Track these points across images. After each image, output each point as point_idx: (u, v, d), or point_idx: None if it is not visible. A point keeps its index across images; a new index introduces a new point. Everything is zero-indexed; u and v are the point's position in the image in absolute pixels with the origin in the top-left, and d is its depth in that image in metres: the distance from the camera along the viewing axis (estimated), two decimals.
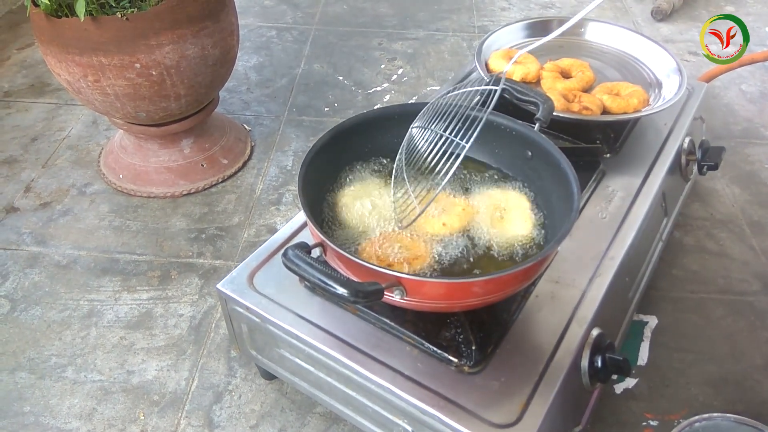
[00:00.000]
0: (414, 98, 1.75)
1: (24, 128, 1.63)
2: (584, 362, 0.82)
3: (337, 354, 0.80)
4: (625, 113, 1.07)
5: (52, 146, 1.57)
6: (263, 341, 0.92)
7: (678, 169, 1.17)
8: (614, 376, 0.87)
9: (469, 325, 0.80)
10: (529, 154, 0.88)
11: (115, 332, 1.12)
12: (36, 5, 1.16)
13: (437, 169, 0.76)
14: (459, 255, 0.80)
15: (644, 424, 0.99)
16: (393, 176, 0.83)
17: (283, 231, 0.98)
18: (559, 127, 1.05)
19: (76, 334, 1.12)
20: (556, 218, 0.83)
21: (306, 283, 0.88)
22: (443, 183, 0.73)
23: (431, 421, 0.74)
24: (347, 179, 0.91)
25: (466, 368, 0.77)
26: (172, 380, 1.04)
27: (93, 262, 1.25)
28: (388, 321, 0.82)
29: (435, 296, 0.72)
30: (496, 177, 0.92)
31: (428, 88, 1.78)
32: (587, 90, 1.13)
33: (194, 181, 1.43)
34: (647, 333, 1.12)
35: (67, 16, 1.16)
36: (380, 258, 0.78)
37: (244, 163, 1.50)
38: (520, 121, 0.88)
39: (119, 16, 1.14)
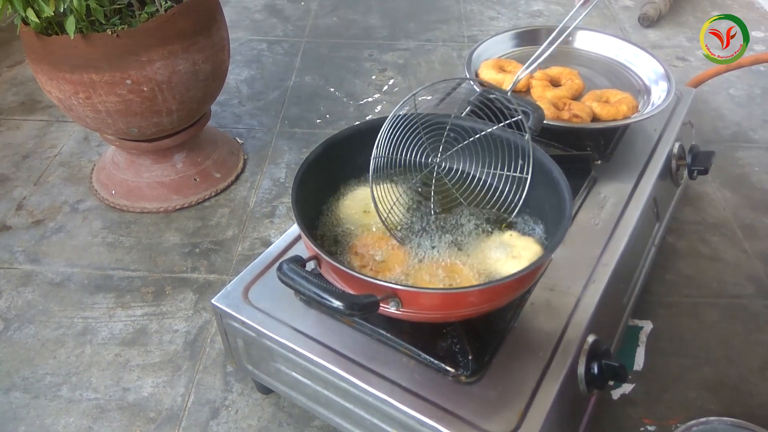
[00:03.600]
0: (405, 109, 1.75)
1: (15, 146, 1.62)
2: (581, 369, 0.82)
3: (333, 367, 0.80)
4: (614, 120, 1.07)
5: (44, 163, 1.56)
6: (259, 355, 0.91)
7: (669, 174, 1.18)
8: (611, 382, 0.87)
9: (466, 334, 0.80)
10: (521, 162, 0.88)
11: (109, 349, 1.11)
12: (26, 23, 1.16)
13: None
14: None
15: (642, 429, 0.99)
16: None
17: (278, 244, 0.98)
18: (549, 135, 1.06)
19: (71, 352, 1.11)
20: (549, 226, 0.83)
21: (301, 296, 0.88)
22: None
23: None
24: (340, 191, 0.91)
25: (463, 378, 0.77)
26: (168, 397, 1.04)
27: (86, 279, 1.25)
28: (384, 332, 0.82)
29: (431, 307, 0.72)
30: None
31: (419, 99, 1.78)
32: (577, 98, 1.14)
33: (187, 195, 1.43)
34: (643, 338, 1.12)
35: (57, 33, 1.16)
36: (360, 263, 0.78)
37: (237, 177, 1.50)
38: (511, 130, 0.88)
39: (109, 33, 1.14)
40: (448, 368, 0.78)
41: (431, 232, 0.84)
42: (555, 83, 1.17)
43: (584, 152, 1.10)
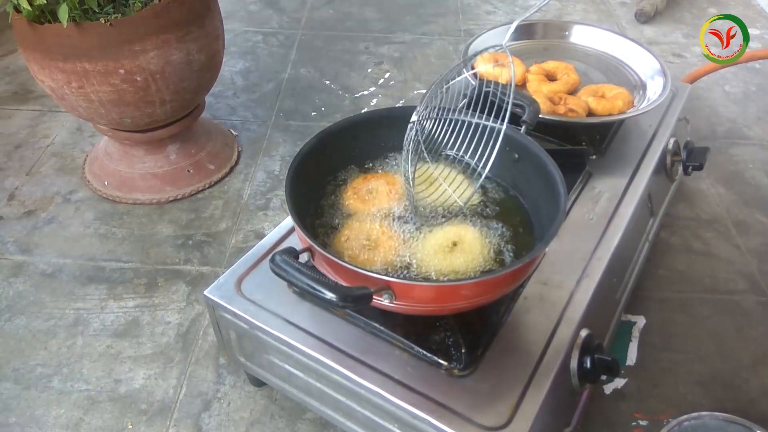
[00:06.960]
0: (401, 102, 1.75)
1: (7, 136, 1.61)
2: (573, 363, 0.82)
3: (326, 359, 0.80)
4: (610, 115, 1.07)
5: (36, 153, 1.55)
6: (252, 348, 0.91)
7: (663, 169, 1.18)
8: (603, 377, 0.87)
9: (459, 328, 0.79)
10: (516, 156, 0.88)
11: (101, 341, 1.11)
12: (18, 11, 1.15)
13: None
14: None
15: (634, 423, 0.99)
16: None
17: (271, 236, 0.97)
18: (545, 129, 1.06)
19: (62, 344, 1.10)
20: (543, 220, 0.83)
21: (294, 288, 0.87)
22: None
23: (422, 425, 0.74)
24: (335, 183, 0.90)
25: (456, 371, 0.77)
26: (159, 388, 1.03)
27: (78, 270, 1.24)
28: (377, 325, 0.82)
29: (424, 299, 0.72)
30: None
31: (415, 92, 1.78)
32: (572, 92, 1.14)
33: (180, 187, 1.42)
34: (635, 333, 1.12)
35: (50, 22, 1.15)
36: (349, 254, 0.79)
37: (231, 169, 1.50)
38: (507, 124, 0.88)
39: (103, 21, 1.13)
40: (441, 361, 0.78)
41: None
42: (551, 78, 1.17)
43: (579, 147, 1.10)
